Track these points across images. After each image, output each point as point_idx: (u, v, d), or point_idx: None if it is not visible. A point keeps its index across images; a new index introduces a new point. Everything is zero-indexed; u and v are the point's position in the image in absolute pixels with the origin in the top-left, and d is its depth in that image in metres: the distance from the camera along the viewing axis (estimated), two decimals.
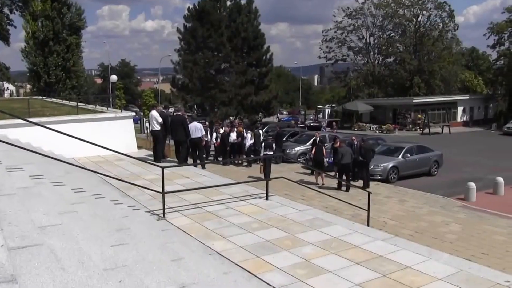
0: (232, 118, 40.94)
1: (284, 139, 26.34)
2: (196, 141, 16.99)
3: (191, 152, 16.47)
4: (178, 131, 14.89)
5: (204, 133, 17.66)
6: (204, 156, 19.18)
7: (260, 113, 42.49)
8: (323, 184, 18.38)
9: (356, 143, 19.36)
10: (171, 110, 19.48)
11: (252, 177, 18.44)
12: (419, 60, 60.40)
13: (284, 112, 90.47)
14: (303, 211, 8.91)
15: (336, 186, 18.18)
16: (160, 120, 14.70)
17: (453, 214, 14.69)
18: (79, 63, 49.90)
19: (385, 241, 7.31)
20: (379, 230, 9.16)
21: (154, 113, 14.88)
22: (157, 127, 14.75)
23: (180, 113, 15.77)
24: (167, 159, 15.14)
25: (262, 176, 17.91)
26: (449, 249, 10.20)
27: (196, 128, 16.98)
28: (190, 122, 17.20)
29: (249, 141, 22.36)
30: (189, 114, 26.81)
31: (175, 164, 13.93)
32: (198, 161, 15.86)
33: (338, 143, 18.96)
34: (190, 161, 15.71)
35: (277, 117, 44.78)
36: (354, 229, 7.88)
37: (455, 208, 15.73)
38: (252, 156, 23.09)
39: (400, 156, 21.54)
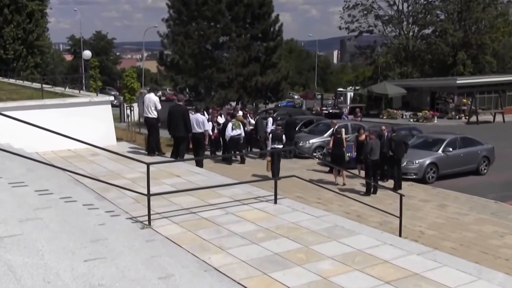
0: (233, 104, 40.99)
1: (296, 129, 26.34)
2: (198, 137, 17.02)
3: (192, 149, 16.61)
4: (178, 125, 15.02)
5: (208, 127, 17.72)
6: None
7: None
8: (343, 185, 18.41)
9: (386, 134, 19.31)
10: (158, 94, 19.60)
11: (257, 175, 18.42)
12: (465, 31, 60.08)
13: (296, 96, 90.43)
14: (319, 217, 8.90)
15: (358, 186, 18.18)
16: (160, 106, 14.82)
17: (508, 223, 14.62)
18: (44, 36, 49.58)
19: (421, 255, 7.29)
20: (414, 242, 9.13)
21: (153, 97, 15.01)
22: (154, 114, 14.87)
23: (181, 104, 15.84)
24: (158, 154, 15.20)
25: (270, 174, 17.94)
26: (504, 268, 10.15)
27: (198, 122, 17.00)
28: (193, 114, 17.28)
29: (230, 132, 22.13)
30: (178, 95, 26.73)
31: (165, 159, 13.94)
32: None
33: (364, 136, 18.92)
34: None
35: (264, 104, 44.28)
36: (382, 240, 7.86)
37: (510, 215, 15.67)
38: (245, 150, 23.11)
39: (440, 151, 21.49)
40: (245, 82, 39.14)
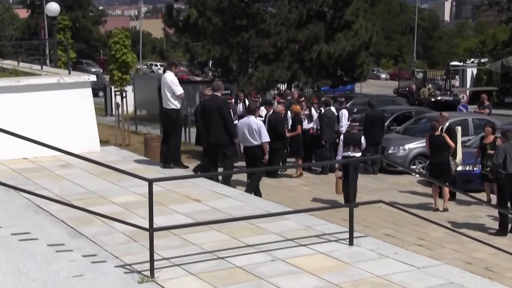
0: (283, 88, 40.85)
1: (383, 127, 26.07)
2: (252, 152, 17.09)
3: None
4: (212, 126, 15.26)
5: (267, 138, 17.78)
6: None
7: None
8: (444, 210, 18.56)
9: None
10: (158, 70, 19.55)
11: (321, 200, 18.40)
12: None
13: (384, 75, 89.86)
14: (422, 268, 8.84)
15: (486, 219, 17.98)
16: (180, 91, 14.94)
17: None
18: None
19: None
20: None
21: (169, 76, 15.11)
22: (173, 104, 14.99)
23: (217, 94, 16.03)
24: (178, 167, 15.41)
25: (341, 198, 17.91)
26: None
27: (251, 128, 17.04)
28: (240, 116, 17.36)
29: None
30: (213, 83, 26.58)
31: (178, 174, 14.01)
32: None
33: (492, 137, 18.71)
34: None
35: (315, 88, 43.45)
36: None
37: None
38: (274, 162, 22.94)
39: None
40: (301, 53, 39.01)
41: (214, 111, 15.22)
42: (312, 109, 24.75)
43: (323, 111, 24.24)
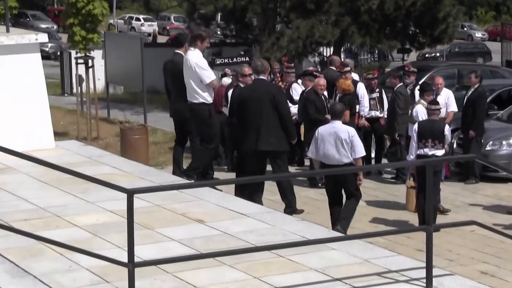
0: (327, 53, 40.93)
1: (483, 111, 25.99)
2: (343, 174, 17.27)
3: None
4: (260, 127, 15.58)
5: (363, 152, 17.93)
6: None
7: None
8: None
9: None
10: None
11: (384, 221, 18.46)
12: None
13: (479, 34, 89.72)
14: None
15: None
16: (209, 77, 15.46)
17: None
18: None
19: None
20: None
21: (194, 57, 15.37)
22: (203, 97, 15.54)
23: (264, 78, 16.34)
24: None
25: (415, 217, 17.94)
26: None
27: (339, 139, 17.14)
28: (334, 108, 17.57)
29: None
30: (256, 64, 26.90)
31: (174, 182, 14.10)
32: None
33: None
34: None
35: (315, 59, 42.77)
36: None
37: None
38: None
39: None
40: (355, 1, 39.09)
41: (263, 104, 15.39)
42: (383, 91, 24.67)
43: (396, 87, 24.14)
